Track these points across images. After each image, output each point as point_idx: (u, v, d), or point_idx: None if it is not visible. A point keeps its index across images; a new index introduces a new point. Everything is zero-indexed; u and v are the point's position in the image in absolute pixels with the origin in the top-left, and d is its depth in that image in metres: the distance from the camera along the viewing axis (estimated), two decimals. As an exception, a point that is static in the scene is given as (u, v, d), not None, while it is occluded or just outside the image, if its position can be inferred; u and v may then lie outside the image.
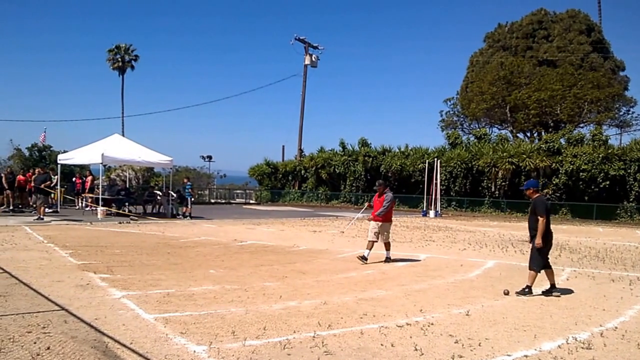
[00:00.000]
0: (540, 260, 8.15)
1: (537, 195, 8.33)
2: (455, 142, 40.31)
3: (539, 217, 8.01)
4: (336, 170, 41.12)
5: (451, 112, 54.97)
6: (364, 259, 10.95)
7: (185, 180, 23.95)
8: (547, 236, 8.12)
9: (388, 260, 11.28)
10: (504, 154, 34.53)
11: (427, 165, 33.75)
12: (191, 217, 22.44)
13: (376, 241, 11.16)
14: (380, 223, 11.14)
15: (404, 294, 8.02)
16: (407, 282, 9.14)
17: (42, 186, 18.56)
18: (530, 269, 8.23)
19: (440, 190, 32.93)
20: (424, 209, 32.15)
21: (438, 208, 31.68)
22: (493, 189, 35.23)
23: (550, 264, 8.43)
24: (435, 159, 33.35)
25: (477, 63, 52.94)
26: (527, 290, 8.12)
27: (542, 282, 8.38)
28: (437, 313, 6.82)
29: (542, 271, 8.24)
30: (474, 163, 35.61)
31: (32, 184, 20.15)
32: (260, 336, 5.50)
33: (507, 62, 46.22)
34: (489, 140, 40.12)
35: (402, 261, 11.65)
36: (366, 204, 11.52)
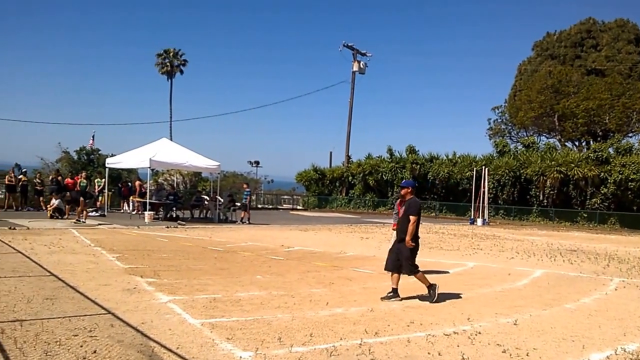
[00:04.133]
0: (414, 262, 7.80)
1: (412, 196, 8.07)
2: (503, 150, 39.93)
3: (410, 217, 7.67)
4: (383, 177, 40.86)
5: (499, 120, 54.60)
6: None
7: (245, 186, 24.28)
8: (417, 237, 7.83)
9: None
10: (552, 162, 33.94)
11: (474, 173, 33.33)
12: (249, 222, 22.63)
13: None
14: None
15: (451, 303, 7.82)
16: (454, 290, 8.89)
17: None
18: (414, 274, 7.85)
19: (488, 198, 32.36)
20: (472, 217, 31.57)
21: (486, 216, 31.11)
22: (541, 198, 34.60)
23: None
24: (483, 167, 32.78)
25: (526, 71, 52.47)
26: (431, 291, 7.81)
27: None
28: (485, 322, 6.64)
29: (391, 274, 7.94)
30: (522, 171, 35.10)
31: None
32: (307, 343, 5.36)
33: (556, 71, 45.65)
34: (537, 148, 39.62)
35: (438, 271, 11.26)
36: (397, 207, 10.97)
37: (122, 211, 25.76)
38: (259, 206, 40.26)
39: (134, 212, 24.22)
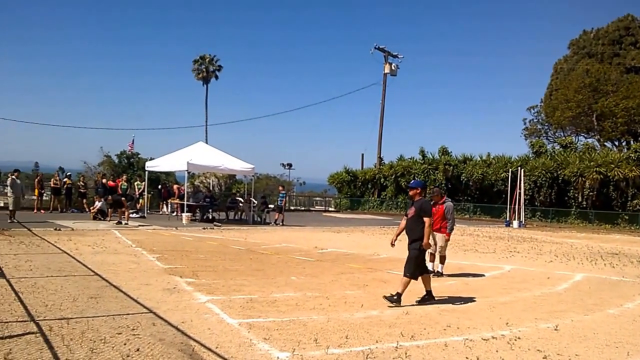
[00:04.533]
0: (415, 266, 7.60)
1: (422, 197, 7.90)
2: (540, 151, 39.13)
3: (425, 219, 7.54)
4: (416, 178, 40.46)
5: (535, 120, 53.64)
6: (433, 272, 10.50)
7: (280, 189, 24.58)
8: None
9: (439, 274, 10.48)
10: (591, 163, 33.10)
11: (510, 174, 32.73)
12: (283, 224, 22.87)
13: (433, 253, 10.62)
14: (438, 234, 10.51)
15: (489, 306, 7.74)
16: (491, 294, 8.83)
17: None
18: (410, 276, 7.62)
19: (524, 200, 31.78)
20: (507, 219, 31.10)
21: (522, 218, 30.60)
22: (580, 199, 33.75)
23: (428, 268, 7.94)
24: (519, 168, 32.22)
25: (562, 70, 51.36)
26: (396, 297, 7.55)
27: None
28: (524, 327, 6.55)
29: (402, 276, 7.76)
30: (559, 172, 34.35)
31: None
32: (343, 345, 5.43)
33: (593, 69, 44.57)
34: (575, 149, 38.78)
35: (474, 273, 11.18)
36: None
37: (160, 213, 26.34)
38: (292, 208, 40.50)
39: (172, 214, 24.74)
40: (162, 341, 5.23)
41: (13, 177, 18.27)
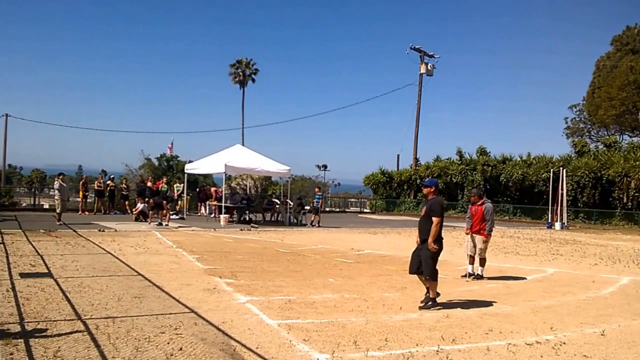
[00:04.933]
0: (433, 265, 7.45)
1: (435, 196, 7.78)
2: (582, 151, 38.09)
3: (433, 219, 7.37)
4: (453, 179, 40.11)
5: (577, 119, 52.44)
6: (470, 275, 10.40)
7: (317, 190, 24.72)
8: (441, 240, 7.53)
9: (479, 277, 10.35)
10: (637, 163, 32.08)
11: (551, 174, 31.97)
12: (319, 225, 22.96)
13: (473, 255, 10.47)
14: (477, 236, 10.40)
15: (532, 310, 7.61)
16: (534, 297, 8.67)
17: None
18: (425, 278, 7.51)
19: (567, 201, 30.98)
20: (549, 220, 30.40)
21: (564, 220, 29.82)
22: (625, 200, 32.70)
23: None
24: (561, 168, 31.41)
25: (604, 67, 49.96)
26: (431, 303, 7.45)
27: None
28: (569, 332, 6.42)
29: (418, 276, 7.67)
30: (603, 172, 33.33)
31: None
32: (382, 347, 5.42)
33: (638, 66, 43.23)
34: (620, 148, 37.48)
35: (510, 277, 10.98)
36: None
37: (199, 214, 26.76)
38: (327, 209, 40.53)
39: (210, 215, 25.12)
40: (204, 341, 5.33)
41: (60, 180, 18.84)
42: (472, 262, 10.44)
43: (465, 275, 10.41)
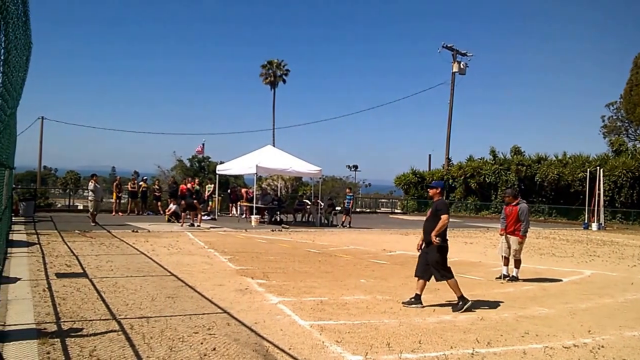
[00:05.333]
0: (443, 265, 7.43)
1: (441, 197, 7.80)
2: (620, 149, 37.16)
3: (442, 216, 7.32)
4: (486, 179, 39.52)
5: (614, 117, 51.11)
6: (504, 277, 10.19)
7: (348, 191, 24.72)
8: (446, 240, 7.53)
9: (514, 279, 10.12)
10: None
11: (588, 174, 31.23)
12: (350, 226, 22.91)
13: (507, 257, 10.27)
14: (512, 237, 10.19)
15: (569, 313, 7.44)
16: (571, 300, 8.47)
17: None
18: (445, 279, 7.42)
19: (604, 201, 30.23)
20: (585, 221, 29.69)
21: (601, 220, 29.12)
22: (665, 200, 31.65)
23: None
24: (597, 168, 30.66)
25: (643, 64, 48.26)
26: (460, 304, 7.28)
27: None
28: (608, 335, 6.26)
29: (418, 279, 7.64)
30: (642, 172, 32.35)
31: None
32: (416, 350, 5.35)
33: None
34: (658, 147, 36.26)
35: (543, 279, 10.72)
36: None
37: (230, 215, 26.97)
38: (357, 210, 40.43)
39: (241, 216, 25.30)
40: (237, 341, 5.33)
41: (94, 182, 19.20)
42: (506, 264, 10.25)
43: (499, 277, 10.24)
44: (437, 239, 7.37)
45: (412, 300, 7.58)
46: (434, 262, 7.45)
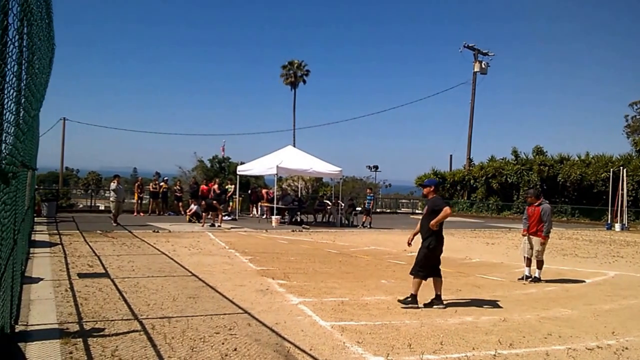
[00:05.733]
0: (426, 265, 7.41)
1: (435, 195, 7.73)
2: (644, 149, 36.26)
3: (444, 208, 7.27)
4: (508, 179, 39.11)
5: (638, 117, 50.08)
6: (527, 278, 10.04)
7: (368, 191, 24.65)
8: (440, 240, 7.49)
9: (537, 280, 9.95)
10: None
11: (611, 174, 30.73)
12: (370, 226, 22.87)
13: (529, 257, 10.11)
14: (534, 238, 10.04)
15: (592, 314, 7.32)
16: (594, 301, 8.33)
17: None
18: (414, 275, 7.46)
19: (627, 201, 29.70)
20: (609, 221, 29.23)
21: (625, 221, 28.64)
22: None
23: (441, 273, 7.66)
24: (621, 168, 30.16)
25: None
26: (410, 299, 7.32)
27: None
28: (632, 337, 6.15)
29: (432, 279, 7.59)
30: (665, 172, 31.70)
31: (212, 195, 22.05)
32: (438, 351, 5.30)
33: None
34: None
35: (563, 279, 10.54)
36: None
37: (251, 215, 27.05)
38: (378, 210, 40.27)
39: (262, 217, 25.36)
40: (257, 341, 5.33)
41: (115, 182, 19.41)
42: (528, 265, 10.12)
43: (522, 278, 10.10)
44: (434, 243, 7.51)
45: (434, 300, 7.55)
46: (418, 257, 7.60)
